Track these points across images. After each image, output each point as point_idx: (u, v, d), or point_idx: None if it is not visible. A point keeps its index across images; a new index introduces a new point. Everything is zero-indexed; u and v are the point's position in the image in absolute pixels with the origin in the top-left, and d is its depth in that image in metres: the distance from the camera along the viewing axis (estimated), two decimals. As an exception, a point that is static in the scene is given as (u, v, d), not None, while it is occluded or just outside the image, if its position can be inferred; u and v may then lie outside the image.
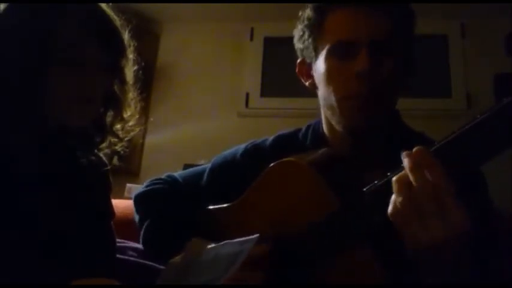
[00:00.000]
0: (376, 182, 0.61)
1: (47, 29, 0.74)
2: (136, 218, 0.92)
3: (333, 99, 0.77)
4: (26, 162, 0.77)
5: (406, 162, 0.54)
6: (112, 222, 0.92)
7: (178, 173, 1.00)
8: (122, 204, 1.13)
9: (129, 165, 2.66)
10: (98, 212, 0.88)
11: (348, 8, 0.77)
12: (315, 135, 0.88)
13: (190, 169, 1.01)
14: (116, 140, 0.90)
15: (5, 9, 0.79)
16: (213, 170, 0.94)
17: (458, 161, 0.53)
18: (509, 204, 1.49)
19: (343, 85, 0.76)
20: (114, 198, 0.96)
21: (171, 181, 0.96)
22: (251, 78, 2.84)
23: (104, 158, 0.93)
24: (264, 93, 2.82)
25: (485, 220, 0.70)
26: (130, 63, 0.88)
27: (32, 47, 0.73)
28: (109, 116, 0.87)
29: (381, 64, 0.74)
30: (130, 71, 0.88)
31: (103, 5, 0.82)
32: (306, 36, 0.83)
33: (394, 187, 0.55)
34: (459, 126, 0.53)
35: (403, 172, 0.55)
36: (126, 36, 0.85)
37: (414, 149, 0.54)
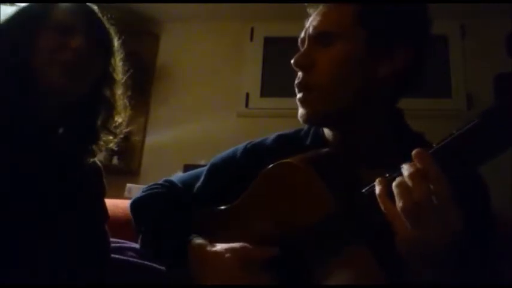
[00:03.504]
0: (374, 183, 0.61)
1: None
2: (134, 223, 0.91)
3: None
4: (24, 165, 0.77)
5: (405, 169, 0.55)
6: (106, 224, 0.93)
7: (175, 177, 0.99)
8: (122, 204, 1.13)
9: (129, 165, 2.66)
10: (92, 215, 0.88)
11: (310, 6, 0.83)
12: (316, 135, 0.88)
13: (188, 172, 1.01)
14: (109, 137, 0.91)
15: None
16: (211, 171, 0.94)
17: (454, 164, 0.54)
18: (509, 205, 1.49)
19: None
20: (114, 198, 0.95)
21: (169, 185, 0.96)
22: (251, 78, 2.84)
23: (98, 162, 0.94)
24: (264, 93, 2.82)
25: (480, 224, 0.69)
26: (119, 60, 0.91)
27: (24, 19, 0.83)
28: (101, 115, 0.89)
29: (315, 56, 0.77)
30: (118, 67, 0.91)
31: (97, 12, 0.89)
32: None
33: (395, 192, 0.55)
34: (456, 128, 0.54)
35: (402, 178, 0.55)
36: (113, 32, 0.89)
37: (413, 153, 0.55)
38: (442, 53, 2.65)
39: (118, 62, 0.91)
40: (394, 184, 0.56)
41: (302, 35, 0.82)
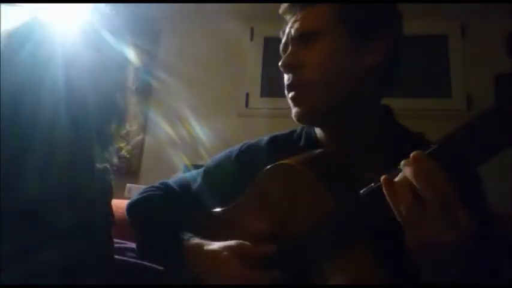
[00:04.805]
0: (372, 184, 0.61)
1: None
2: (131, 226, 0.91)
3: None
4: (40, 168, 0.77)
5: (407, 169, 0.54)
6: (112, 228, 0.93)
7: (171, 180, 0.99)
8: (122, 205, 1.13)
9: (129, 165, 2.66)
10: (100, 219, 0.88)
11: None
12: (308, 136, 0.88)
13: (184, 174, 1.02)
14: (122, 144, 0.92)
15: None
16: (207, 172, 0.94)
17: (452, 164, 0.54)
18: (509, 206, 1.49)
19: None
20: (114, 198, 0.95)
21: (164, 188, 0.96)
22: (251, 78, 2.84)
23: (109, 166, 0.94)
24: (264, 93, 2.81)
25: (482, 222, 0.70)
26: (132, 69, 0.91)
27: None
28: (114, 123, 0.89)
29: (302, 56, 0.79)
30: (131, 76, 0.91)
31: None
32: None
33: (397, 188, 0.55)
34: (455, 127, 0.54)
35: (403, 176, 0.55)
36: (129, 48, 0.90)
37: (412, 155, 0.55)
38: (442, 52, 2.65)
39: (132, 72, 0.92)
40: (395, 180, 0.56)
41: (283, 40, 0.84)
